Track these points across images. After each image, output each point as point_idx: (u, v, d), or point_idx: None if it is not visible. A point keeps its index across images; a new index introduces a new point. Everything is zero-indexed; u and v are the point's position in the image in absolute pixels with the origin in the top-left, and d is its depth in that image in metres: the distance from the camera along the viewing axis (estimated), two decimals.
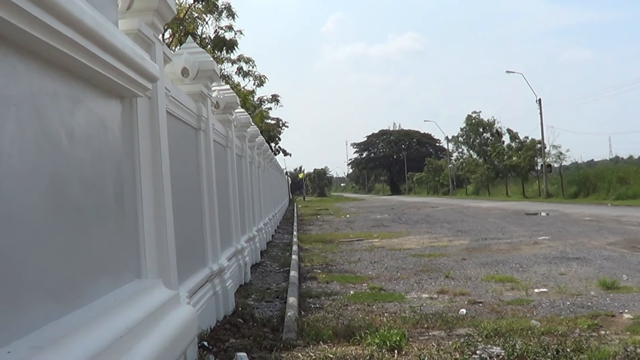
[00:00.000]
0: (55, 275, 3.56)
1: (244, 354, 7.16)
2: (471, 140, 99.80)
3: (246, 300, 11.17)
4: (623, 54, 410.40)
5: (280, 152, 66.29)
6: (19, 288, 3.11)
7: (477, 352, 7.26)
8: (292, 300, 10.38)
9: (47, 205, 3.49)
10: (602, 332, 8.35)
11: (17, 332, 3.03)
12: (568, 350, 7.15)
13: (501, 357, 7.05)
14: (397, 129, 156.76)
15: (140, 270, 5.30)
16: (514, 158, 75.19)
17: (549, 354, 6.98)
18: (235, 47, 30.61)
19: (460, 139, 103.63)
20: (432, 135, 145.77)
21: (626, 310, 9.64)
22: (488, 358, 7.03)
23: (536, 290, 11.59)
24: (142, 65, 4.71)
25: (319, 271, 15.18)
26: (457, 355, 7.14)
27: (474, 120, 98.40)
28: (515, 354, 7.06)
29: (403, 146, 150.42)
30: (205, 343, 7.52)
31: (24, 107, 3.25)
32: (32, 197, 3.30)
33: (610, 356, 6.85)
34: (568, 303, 10.35)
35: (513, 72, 71.26)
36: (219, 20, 30.25)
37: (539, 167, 71.36)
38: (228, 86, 14.70)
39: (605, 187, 54.77)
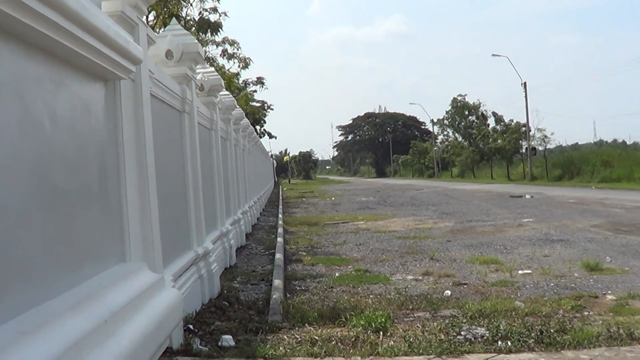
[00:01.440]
0: (39, 260, 3.55)
1: (230, 336, 7.17)
2: (456, 123, 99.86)
3: (232, 283, 11.17)
4: (608, 39, 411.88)
5: (266, 134, 66.14)
6: (2, 273, 3.10)
7: (462, 333, 7.29)
8: (277, 282, 10.39)
9: (30, 189, 3.47)
10: (586, 313, 8.41)
11: (1, 317, 3.02)
12: (552, 331, 7.18)
13: (485, 337, 7.08)
14: (383, 111, 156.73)
15: (124, 254, 5.28)
16: (499, 141, 75.35)
17: (532, 334, 7.01)
18: (219, 29, 30.43)
19: (445, 121, 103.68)
20: (418, 118, 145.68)
21: (609, 292, 9.71)
22: (472, 339, 7.05)
23: (520, 271, 11.65)
24: (125, 48, 4.68)
25: (305, 253, 15.20)
26: (442, 336, 7.16)
27: (459, 103, 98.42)
28: (500, 334, 7.09)
29: (388, 129, 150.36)
30: (191, 326, 7.52)
31: (7, 91, 3.23)
32: (15, 182, 3.28)
33: (593, 337, 6.89)
34: (552, 284, 10.41)
35: (499, 56, 71.29)
36: (204, 1, 30.04)
37: (523, 150, 71.56)
38: (213, 69, 14.65)
39: (589, 170, 55.01)
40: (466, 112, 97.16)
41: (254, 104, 55.22)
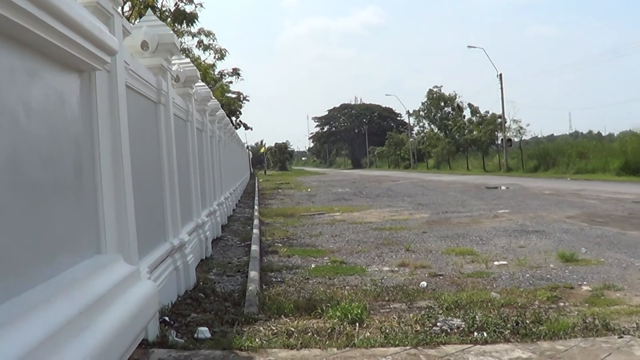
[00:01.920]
0: (14, 252, 3.53)
1: (206, 328, 7.17)
2: (432, 114, 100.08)
3: (207, 274, 11.14)
4: (583, 31, 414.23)
5: (241, 126, 65.94)
6: None
7: (438, 324, 7.32)
8: (253, 274, 10.38)
9: (4, 181, 3.45)
10: (561, 304, 8.48)
11: None
12: (527, 321, 7.23)
13: (461, 328, 7.11)
14: (359, 103, 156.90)
15: (100, 246, 5.26)
16: (475, 132, 75.69)
17: (508, 325, 7.05)
18: (195, 20, 30.24)
19: (421, 113, 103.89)
20: (394, 109, 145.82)
21: (585, 283, 9.79)
22: (448, 330, 7.08)
23: (496, 262, 11.71)
24: (100, 39, 4.65)
25: (281, 245, 15.19)
26: (418, 327, 7.19)
27: (435, 95, 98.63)
28: (476, 325, 7.13)
29: (364, 120, 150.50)
30: (167, 318, 7.50)
31: None
32: None
33: (569, 327, 6.94)
34: (527, 275, 10.47)
35: (474, 47, 72.12)
36: None
37: (499, 142, 71.95)
38: (188, 60, 14.58)
39: (564, 162, 55.41)
40: (442, 104, 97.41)
41: (230, 95, 55.11)
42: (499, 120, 70.04)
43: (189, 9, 30.22)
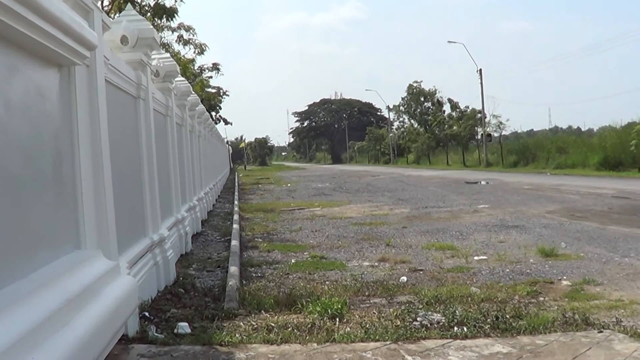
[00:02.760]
0: None
1: (186, 323, 7.15)
2: (412, 109, 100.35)
3: (187, 270, 11.11)
4: (563, 27, 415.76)
5: (221, 121, 65.74)
6: None
7: (418, 319, 7.33)
8: (233, 269, 10.36)
9: None
10: (541, 299, 8.52)
11: None
12: (507, 316, 7.25)
13: (441, 323, 7.13)
14: (339, 97, 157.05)
15: (79, 241, 5.24)
16: (455, 127, 75.83)
17: (488, 320, 7.07)
18: (175, 14, 30.07)
19: (401, 108, 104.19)
20: (374, 104, 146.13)
21: (564, 277, 9.84)
22: (429, 325, 7.10)
23: (476, 257, 11.75)
24: (80, 33, 4.63)
25: (261, 240, 15.18)
26: (398, 322, 7.19)
27: (415, 90, 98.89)
28: (456, 320, 7.14)
29: (344, 115, 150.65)
30: (147, 313, 7.48)
31: None
32: None
33: (549, 322, 6.96)
34: (507, 270, 10.52)
35: (454, 42, 71.94)
36: None
37: (479, 137, 72.14)
38: (168, 54, 14.53)
39: (544, 157, 55.75)
40: (422, 99, 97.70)
41: (210, 90, 54.93)
42: (479, 115, 70.25)
43: (168, 3, 30.08)
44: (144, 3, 28.80)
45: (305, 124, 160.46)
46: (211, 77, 53.03)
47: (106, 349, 4.66)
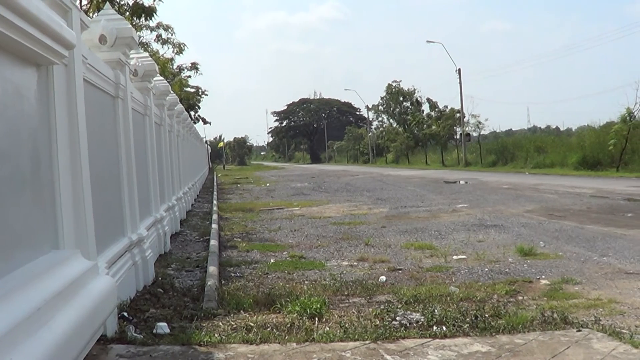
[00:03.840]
0: None
1: (165, 323, 7.14)
2: (391, 109, 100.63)
3: (166, 269, 11.08)
4: (541, 26, 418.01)
5: (200, 120, 65.47)
6: None
7: (397, 318, 7.35)
8: (212, 269, 10.35)
9: None
10: (520, 298, 8.57)
11: None
12: (486, 315, 7.29)
13: (420, 323, 7.15)
14: (318, 97, 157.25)
15: (57, 241, 5.22)
16: (434, 127, 76.11)
17: (467, 319, 7.10)
18: (154, 14, 29.89)
19: (380, 107, 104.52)
20: (353, 104, 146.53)
21: (543, 276, 9.90)
22: (408, 324, 7.12)
23: (455, 257, 11.80)
24: (58, 32, 4.61)
25: (240, 240, 15.17)
26: (377, 322, 7.22)
27: (394, 89, 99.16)
28: (435, 319, 7.17)
29: (323, 115, 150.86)
30: (125, 314, 7.45)
31: None
32: None
33: (527, 321, 7.00)
34: (486, 269, 10.57)
35: (433, 42, 72.41)
36: None
37: (458, 136, 72.53)
38: (147, 54, 14.50)
39: (523, 156, 56.15)
40: (401, 98, 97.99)
41: (188, 89, 54.71)
42: (458, 114, 70.62)
43: (147, 2, 29.88)
44: (122, 2, 28.63)
45: (284, 123, 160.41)
46: (190, 76, 52.91)
47: (85, 349, 4.64)
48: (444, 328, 6.88)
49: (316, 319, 7.39)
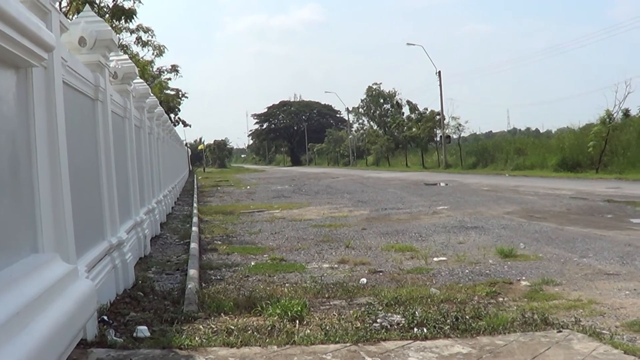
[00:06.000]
0: None
1: (145, 327, 7.10)
2: (371, 111, 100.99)
3: (146, 273, 11.03)
4: (522, 29, 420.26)
5: (180, 123, 65.44)
6: None
7: (378, 320, 7.36)
8: (192, 272, 10.32)
9: None
10: (500, 299, 8.60)
11: None
12: (467, 317, 7.31)
13: (401, 324, 7.16)
14: (298, 100, 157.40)
15: (37, 244, 5.19)
16: (414, 129, 76.36)
17: (448, 321, 7.12)
18: (134, 16, 29.80)
19: (360, 110, 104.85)
20: (333, 106, 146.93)
21: (523, 278, 9.95)
22: (388, 326, 7.13)
23: (435, 259, 11.83)
24: (37, 35, 4.59)
25: (220, 243, 15.14)
26: (358, 324, 7.22)
27: (374, 92, 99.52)
28: (415, 321, 7.17)
29: (304, 117, 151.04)
30: (105, 317, 7.42)
31: None
32: None
33: (508, 322, 7.03)
34: (467, 271, 10.60)
35: (414, 45, 72.60)
36: None
37: (438, 138, 72.76)
38: (127, 56, 14.43)
39: (503, 158, 56.48)
40: (381, 101, 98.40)
41: (169, 92, 54.64)
42: (438, 117, 70.85)
43: (127, 4, 29.84)
44: (102, 4, 28.54)
45: (265, 126, 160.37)
46: (170, 79, 52.87)
47: (65, 353, 4.62)
48: (425, 330, 6.89)
49: (297, 321, 7.38)
